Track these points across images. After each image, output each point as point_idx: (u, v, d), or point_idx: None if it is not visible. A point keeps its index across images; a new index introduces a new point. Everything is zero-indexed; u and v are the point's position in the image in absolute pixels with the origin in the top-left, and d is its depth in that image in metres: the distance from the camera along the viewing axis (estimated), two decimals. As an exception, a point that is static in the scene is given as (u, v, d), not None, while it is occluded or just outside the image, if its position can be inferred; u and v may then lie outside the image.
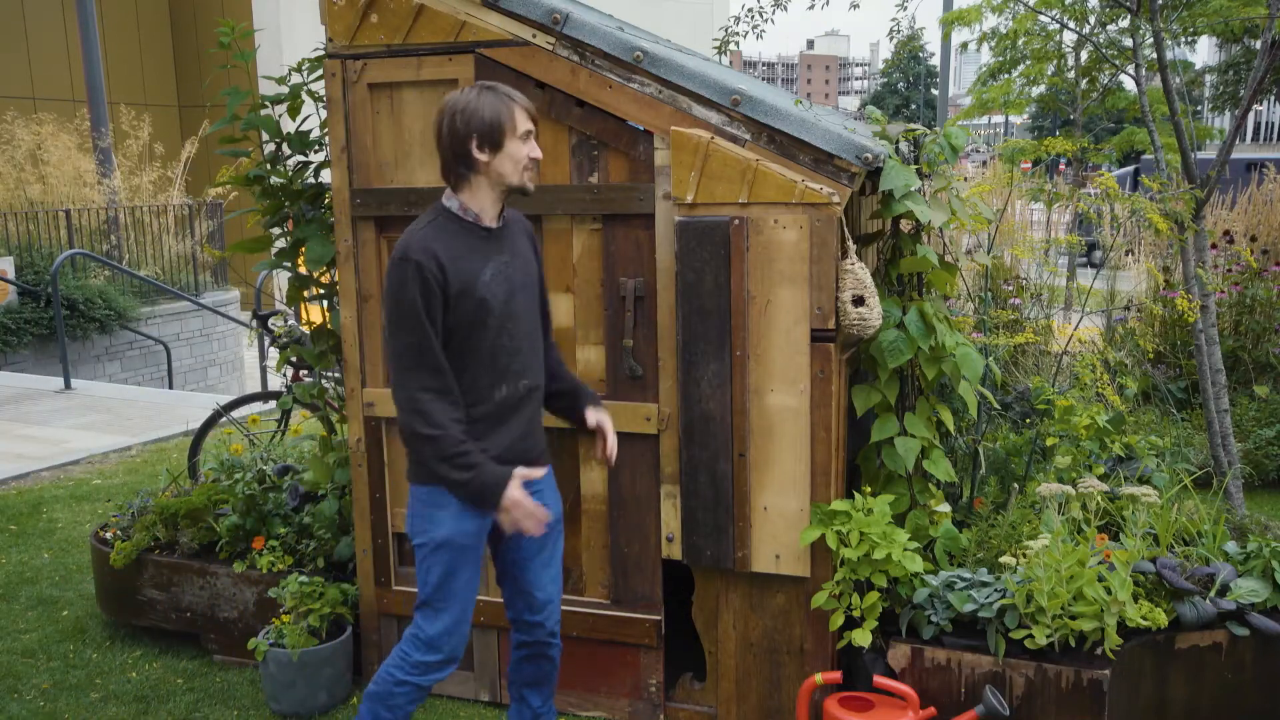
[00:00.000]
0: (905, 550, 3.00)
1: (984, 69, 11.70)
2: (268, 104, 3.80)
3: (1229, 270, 6.28)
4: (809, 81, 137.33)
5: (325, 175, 3.87)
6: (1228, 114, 16.55)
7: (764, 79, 26.31)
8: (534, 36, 3.12)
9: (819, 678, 3.05)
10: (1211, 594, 3.03)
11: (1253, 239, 6.77)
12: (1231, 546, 3.25)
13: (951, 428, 3.51)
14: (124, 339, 11.35)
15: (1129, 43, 5.72)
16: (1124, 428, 3.90)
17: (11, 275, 10.44)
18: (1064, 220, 7.77)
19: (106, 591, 4.09)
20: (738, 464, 3.10)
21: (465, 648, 2.72)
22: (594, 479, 3.32)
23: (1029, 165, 10.82)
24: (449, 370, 2.52)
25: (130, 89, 17.89)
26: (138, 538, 3.92)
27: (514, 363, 2.63)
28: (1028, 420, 4.05)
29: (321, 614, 3.51)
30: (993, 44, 11.01)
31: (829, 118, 3.79)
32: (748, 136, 2.98)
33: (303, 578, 3.56)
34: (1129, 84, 11.55)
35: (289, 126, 3.98)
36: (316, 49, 3.55)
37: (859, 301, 2.98)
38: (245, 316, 12.11)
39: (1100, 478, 3.63)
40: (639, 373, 3.21)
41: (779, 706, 3.24)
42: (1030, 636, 2.90)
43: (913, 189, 3.02)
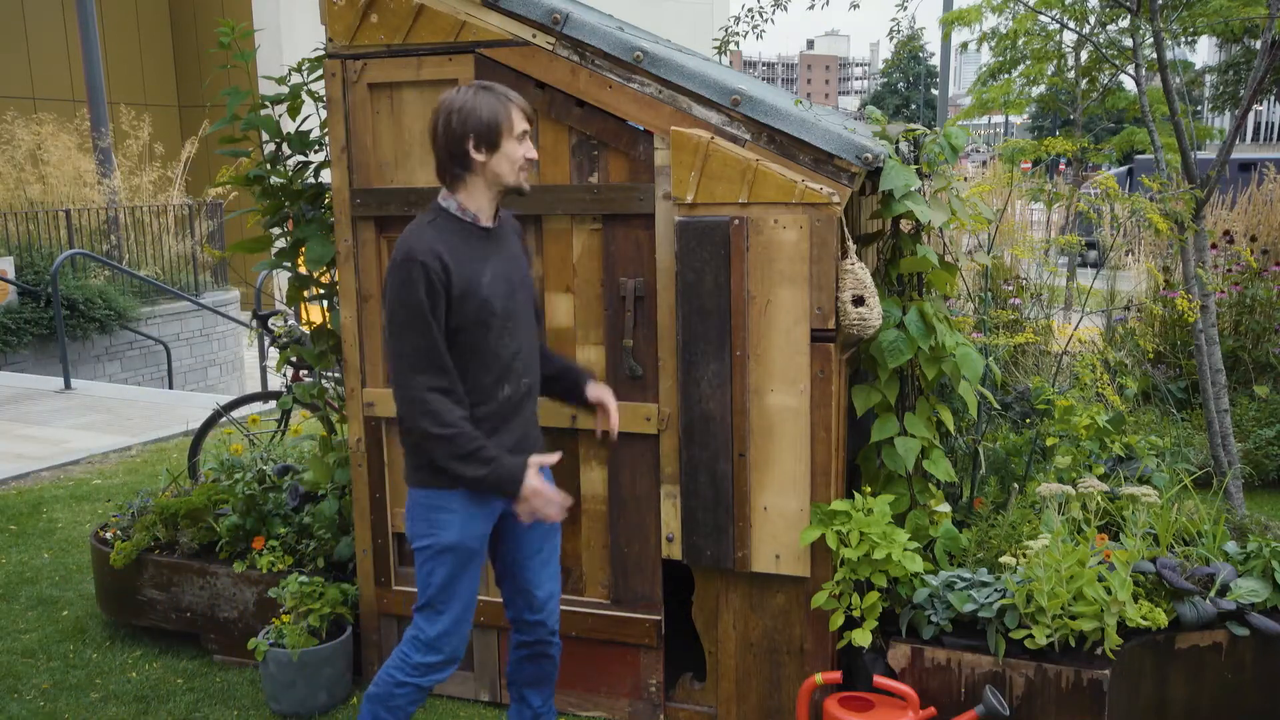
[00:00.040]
0: (905, 550, 3.00)
1: (984, 69, 11.70)
2: (268, 104, 3.80)
3: (1229, 270, 6.28)
4: (809, 81, 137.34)
5: (325, 175, 3.87)
6: (1228, 114, 16.55)
7: (764, 79, 26.32)
8: (534, 36, 3.12)
9: (819, 678, 3.05)
10: (1211, 594, 3.03)
11: (1253, 239, 6.78)
12: (1231, 546, 3.25)
13: (951, 428, 3.51)
14: (124, 339, 11.35)
15: (1129, 43, 5.73)
16: (1124, 428, 3.90)
17: (11, 275, 10.44)
18: (1053, 219, 7.77)
19: (106, 591, 4.09)
20: (738, 464, 3.10)
21: (466, 648, 2.72)
22: (594, 479, 3.32)
23: (1029, 165, 10.83)
24: (454, 370, 2.52)
25: (130, 89, 17.90)
26: (138, 538, 3.92)
27: (515, 362, 2.64)
28: (1028, 420, 4.05)
29: (321, 614, 3.51)
30: (993, 44, 11.02)
31: (829, 118, 3.79)
32: (748, 136, 2.98)
33: (303, 578, 3.56)
34: (1129, 84, 11.56)
35: (289, 126, 3.98)
36: (316, 49, 3.55)
37: (859, 301, 2.98)
38: (245, 316, 12.12)
39: (1100, 478, 3.63)
40: (639, 373, 3.21)
41: (779, 706, 3.24)
42: (1030, 636, 2.90)
43: (913, 189, 3.02)
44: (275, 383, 8.27)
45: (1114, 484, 3.64)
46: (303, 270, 3.87)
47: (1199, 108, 17.11)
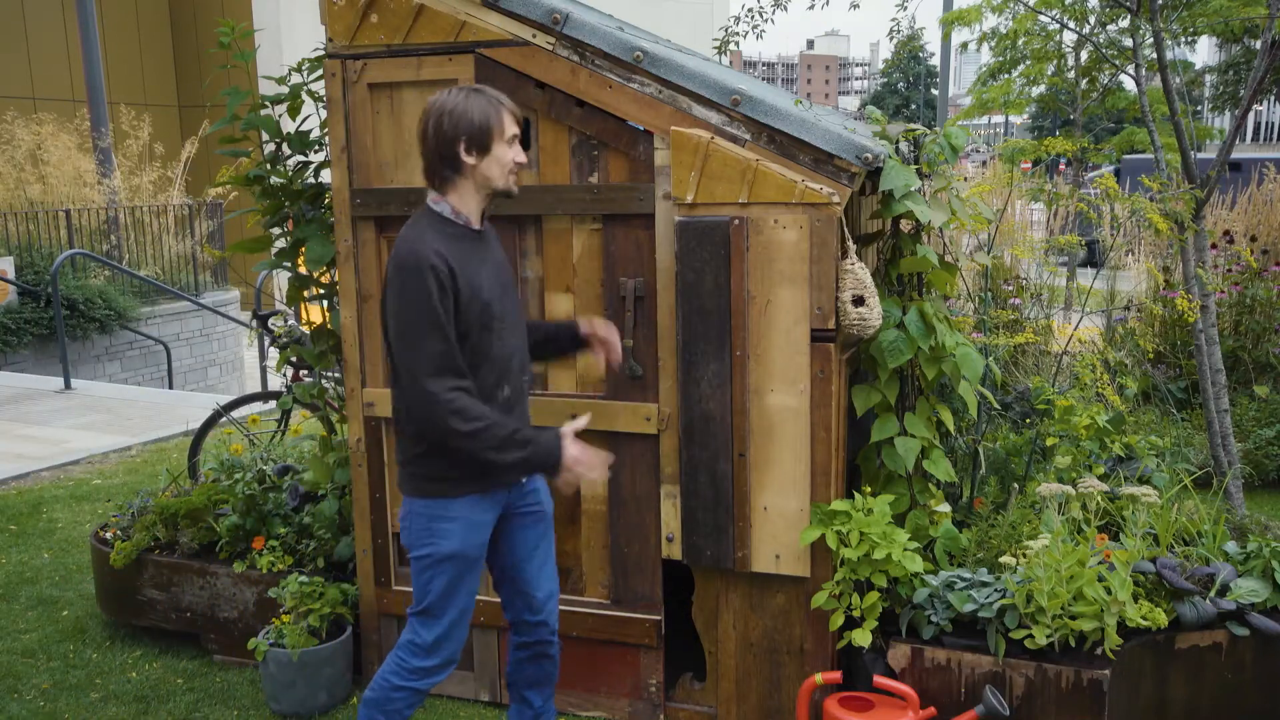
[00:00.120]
0: (905, 550, 3.00)
1: (984, 69, 11.69)
2: (268, 104, 3.80)
3: (1229, 270, 6.28)
4: (809, 81, 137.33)
5: (325, 175, 3.87)
6: (1228, 114, 16.54)
7: (764, 79, 26.31)
8: (534, 36, 3.12)
9: (819, 678, 3.05)
10: (1211, 594, 3.03)
11: (1253, 239, 6.78)
12: (1231, 546, 3.25)
13: (951, 428, 3.51)
14: (124, 339, 11.35)
15: (1129, 43, 5.72)
16: (1124, 428, 3.90)
17: (11, 275, 10.44)
18: (1043, 220, 7.77)
19: (106, 591, 4.09)
20: (738, 464, 3.10)
21: (463, 649, 2.72)
22: (594, 479, 3.32)
23: (1029, 165, 10.83)
24: (468, 371, 2.52)
25: (130, 89, 17.90)
26: (138, 538, 3.92)
27: (511, 362, 2.65)
28: (1028, 420, 4.05)
29: (321, 614, 3.51)
30: (993, 44, 11.01)
31: (829, 118, 3.79)
32: (748, 136, 2.98)
33: (303, 578, 3.56)
34: (1129, 84, 11.55)
35: (289, 126, 3.98)
36: (316, 49, 3.55)
37: (859, 301, 2.98)
38: (245, 316, 12.11)
39: (1100, 478, 3.63)
40: (639, 373, 3.21)
41: (779, 706, 3.24)
42: (1030, 636, 2.90)
43: (913, 189, 3.02)
44: (275, 383, 8.26)
45: (1114, 484, 3.64)
46: (303, 270, 3.87)
47: (1199, 108, 17.11)
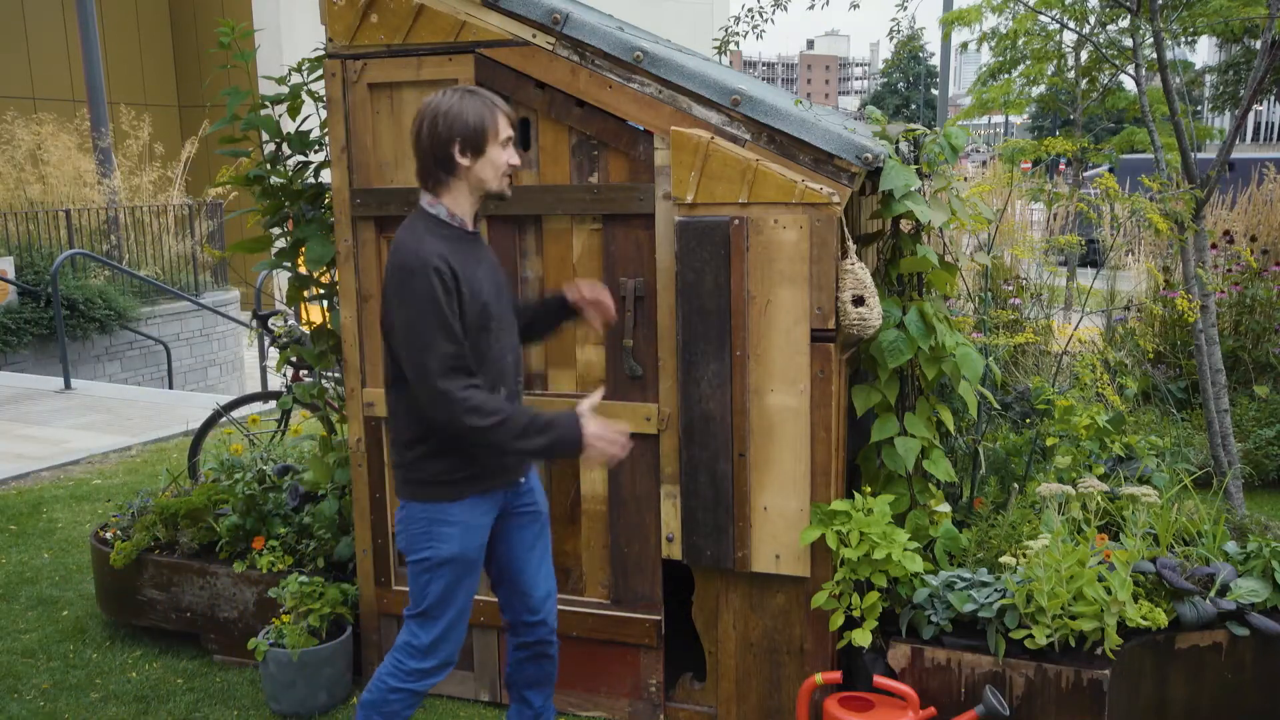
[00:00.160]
0: (905, 550, 3.00)
1: (984, 69, 11.69)
2: (268, 104, 3.80)
3: (1229, 270, 6.28)
4: (809, 81, 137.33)
5: (325, 175, 3.87)
6: (1228, 114, 16.54)
7: (764, 79, 26.31)
8: (534, 36, 3.12)
9: (819, 678, 3.05)
10: (1211, 594, 3.03)
11: (1253, 239, 6.78)
12: (1231, 546, 3.25)
13: (951, 428, 3.51)
14: (124, 339, 11.35)
15: (1129, 43, 5.73)
16: (1124, 428, 3.90)
17: (11, 275, 10.44)
18: (1043, 220, 7.77)
19: (106, 591, 4.09)
20: (738, 464, 3.10)
21: (463, 649, 2.72)
22: (594, 479, 3.32)
23: (1029, 165, 10.82)
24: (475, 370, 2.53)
25: (130, 89, 17.89)
26: (138, 538, 3.92)
27: (508, 361, 2.67)
28: (1028, 420, 4.05)
29: (321, 614, 3.51)
30: (993, 44, 11.00)
31: (829, 118, 3.79)
32: (748, 136, 2.98)
33: (303, 578, 3.56)
34: (1129, 84, 11.56)
35: (289, 126, 3.98)
36: (316, 49, 3.55)
37: (859, 301, 2.98)
38: (245, 316, 12.11)
39: (1100, 478, 3.63)
40: (639, 373, 3.21)
41: (779, 706, 3.24)
42: (1030, 636, 2.90)
43: (913, 189, 3.02)
44: (275, 383, 8.27)
45: (1114, 484, 3.64)
46: (303, 270, 3.87)
47: (1199, 108, 17.11)
